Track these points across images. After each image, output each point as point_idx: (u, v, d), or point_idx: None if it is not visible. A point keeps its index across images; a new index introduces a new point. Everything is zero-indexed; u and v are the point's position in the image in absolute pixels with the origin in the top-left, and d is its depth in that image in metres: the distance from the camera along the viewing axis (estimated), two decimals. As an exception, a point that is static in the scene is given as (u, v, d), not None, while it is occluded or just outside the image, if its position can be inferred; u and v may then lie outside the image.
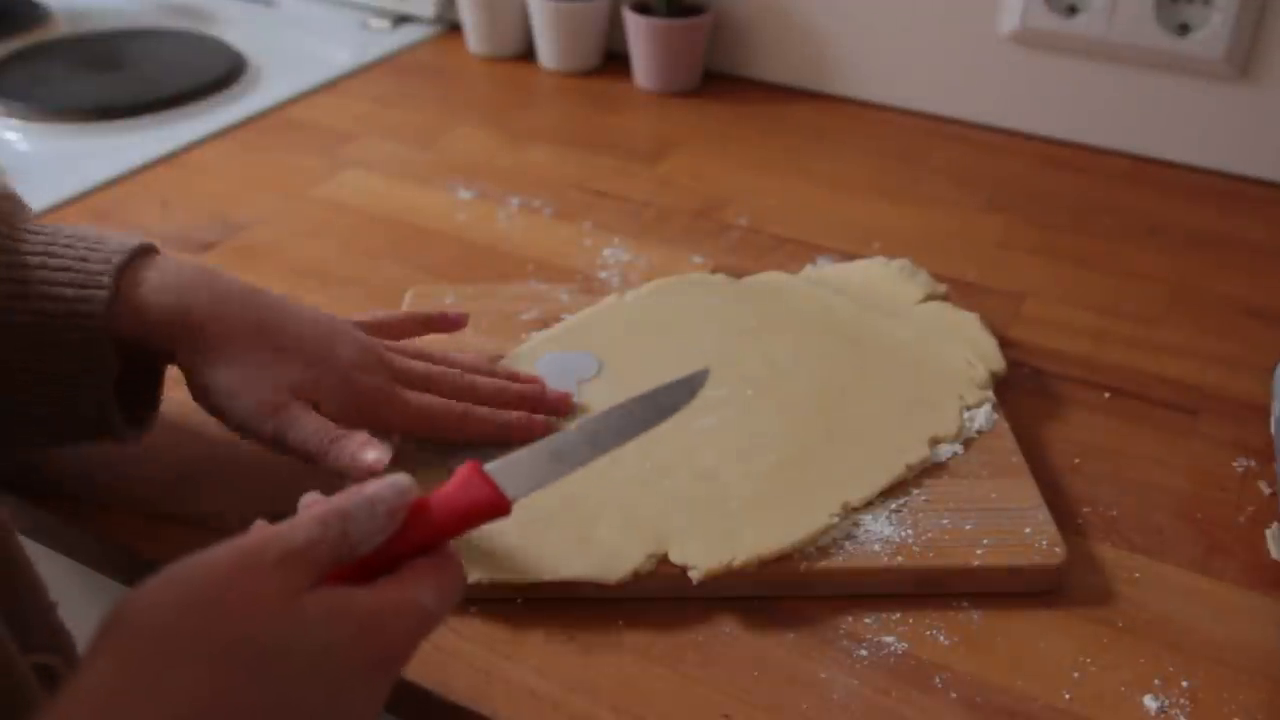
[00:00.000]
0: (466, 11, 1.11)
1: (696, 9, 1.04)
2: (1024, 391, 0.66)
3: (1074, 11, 0.92)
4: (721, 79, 1.08)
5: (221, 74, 1.04)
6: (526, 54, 1.12)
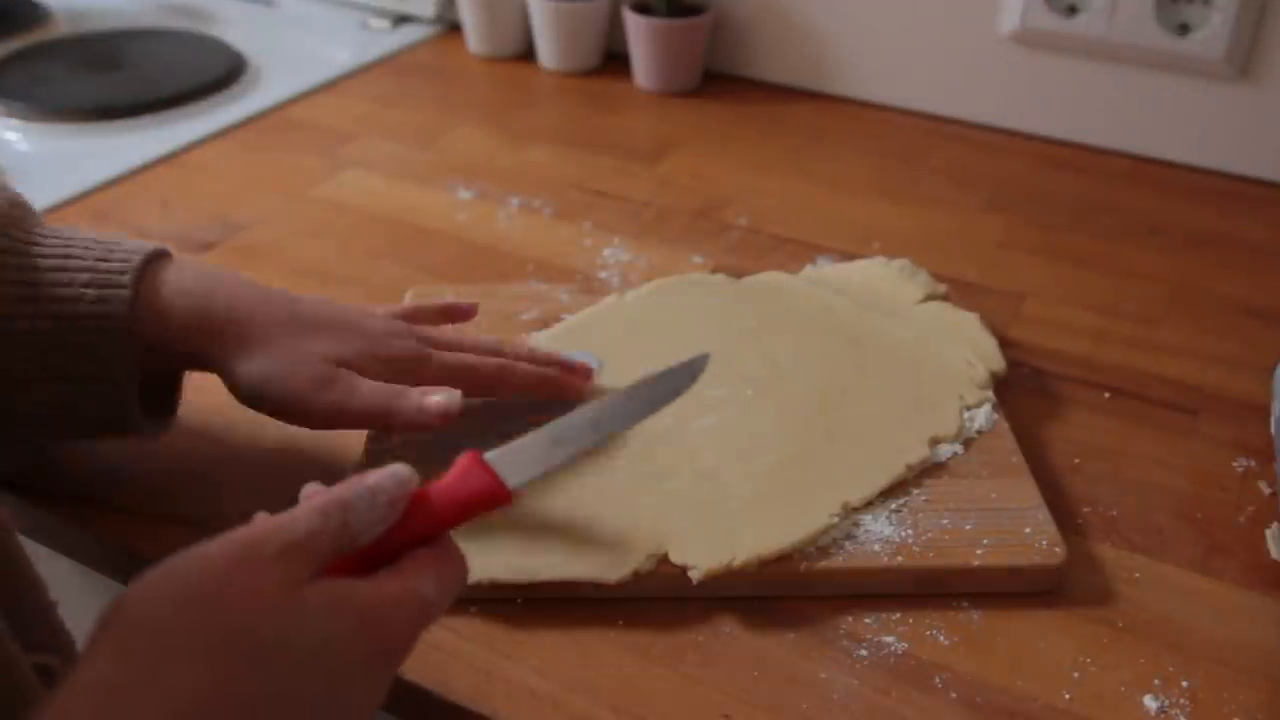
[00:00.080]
0: (466, 11, 1.11)
1: (696, 9, 1.04)
2: (1024, 391, 0.66)
3: (1074, 11, 0.92)
4: (721, 79, 1.08)
5: (221, 74, 1.05)
6: (526, 54, 1.12)
